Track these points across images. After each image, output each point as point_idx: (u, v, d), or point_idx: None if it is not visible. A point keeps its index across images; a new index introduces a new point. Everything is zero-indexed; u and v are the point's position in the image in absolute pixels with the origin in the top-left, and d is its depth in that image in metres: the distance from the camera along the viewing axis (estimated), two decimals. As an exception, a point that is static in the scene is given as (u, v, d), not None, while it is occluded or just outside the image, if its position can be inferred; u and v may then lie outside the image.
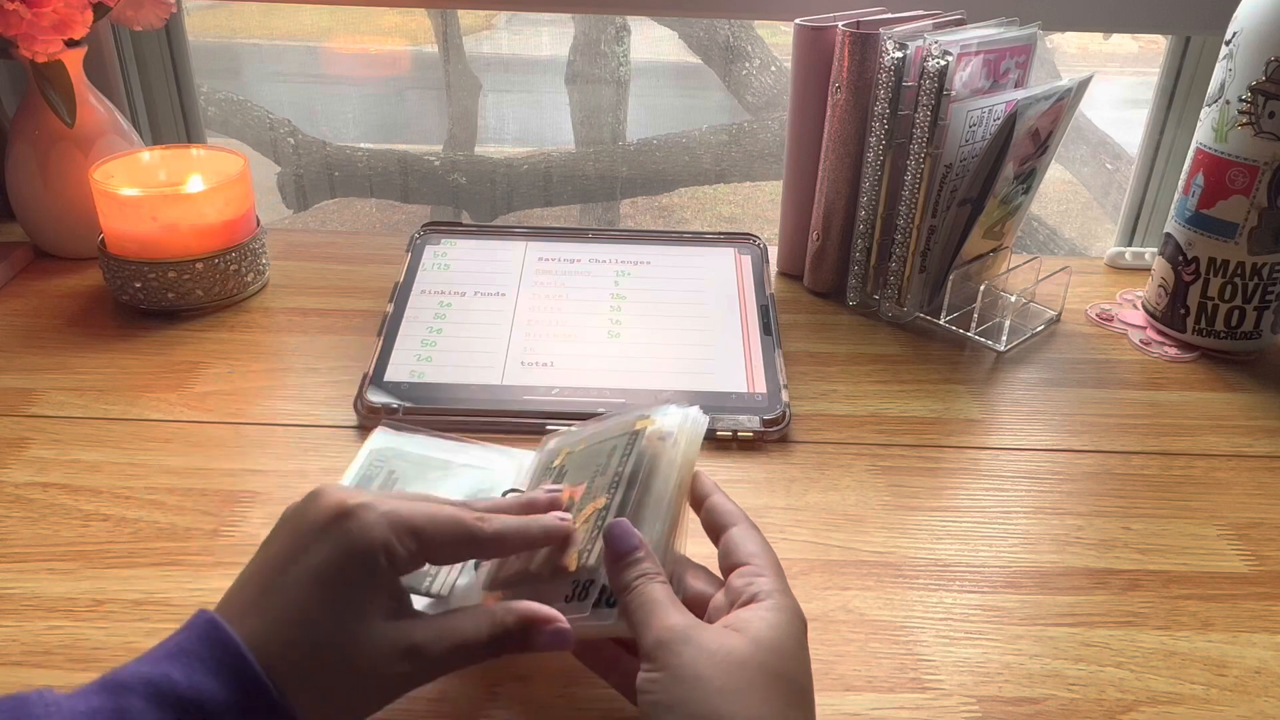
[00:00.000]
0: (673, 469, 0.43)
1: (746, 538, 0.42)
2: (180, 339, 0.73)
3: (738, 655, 0.36)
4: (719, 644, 0.36)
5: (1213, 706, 0.45)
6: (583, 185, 1.76)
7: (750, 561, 0.41)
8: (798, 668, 0.37)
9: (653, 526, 0.41)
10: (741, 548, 0.42)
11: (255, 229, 0.79)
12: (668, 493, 0.42)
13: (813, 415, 0.66)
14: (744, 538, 0.42)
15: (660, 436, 0.44)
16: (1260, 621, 0.50)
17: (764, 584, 0.39)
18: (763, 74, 1.75)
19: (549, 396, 0.66)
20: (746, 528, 0.43)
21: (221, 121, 1.71)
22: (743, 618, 0.38)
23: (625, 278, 0.79)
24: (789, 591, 0.40)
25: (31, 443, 0.60)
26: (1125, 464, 0.63)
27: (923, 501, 0.58)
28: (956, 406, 0.68)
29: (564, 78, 1.76)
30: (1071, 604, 0.51)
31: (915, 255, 0.75)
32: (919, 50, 0.70)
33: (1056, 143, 0.78)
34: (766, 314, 0.75)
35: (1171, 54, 0.95)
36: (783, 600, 0.39)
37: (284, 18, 1.87)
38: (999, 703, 0.45)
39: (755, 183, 1.86)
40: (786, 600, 0.39)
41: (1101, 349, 0.77)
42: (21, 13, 0.70)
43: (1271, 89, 0.67)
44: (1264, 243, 0.71)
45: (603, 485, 0.44)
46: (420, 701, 0.44)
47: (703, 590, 0.42)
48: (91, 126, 0.80)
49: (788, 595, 0.39)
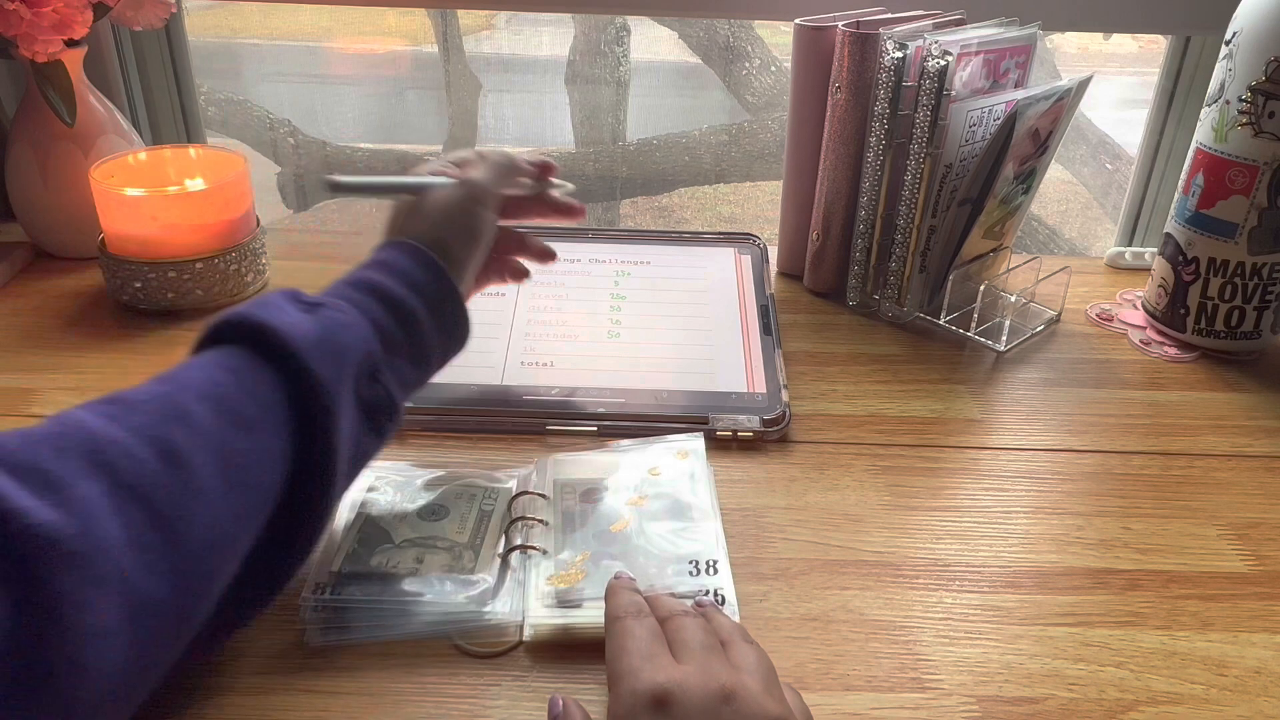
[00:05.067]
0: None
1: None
2: (180, 339, 0.73)
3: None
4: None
5: (1213, 706, 0.45)
6: (583, 185, 1.76)
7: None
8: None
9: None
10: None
11: (255, 229, 0.79)
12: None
13: (813, 415, 0.66)
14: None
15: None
16: (1260, 621, 0.50)
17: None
18: (763, 74, 1.75)
19: (549, 396, 0.66)
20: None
21: (221, 121, 1.71)
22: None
23: (625, 278, 0.79)
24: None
25: (31, 443, 0.60)
26: (1125, 464, 0.63)
27: (923, 501, 0.58)
28: (956, 406, 0.68)
29: (564, 78, 1.76)
30: (1071, 604, 0.51)
31: (915, 255, 0.75)
32: (919, 50, 0.70)
33: (1056, 143, 0.78)
34: (766, 314, 0.75)
35: (1171, 54, 0.95)
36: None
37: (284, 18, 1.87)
38: (999, 702, 0.45)
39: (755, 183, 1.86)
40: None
41: (1101, 349, 0.77)
42: (21, 13, 0.70)
43: (1271, 89, 0.67)
44: (1264, 243, 0.71)
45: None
46: (420, 701, 0.44)
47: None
48: (91, 126, 0.80)
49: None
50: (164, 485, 0.37)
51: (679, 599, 0.46)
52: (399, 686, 0.44)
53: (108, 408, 0.39)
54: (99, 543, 0.34)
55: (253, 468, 0.41)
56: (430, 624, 0.47)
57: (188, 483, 0.38)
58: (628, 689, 0.37)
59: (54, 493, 0.34)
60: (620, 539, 0.51)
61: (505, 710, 0.44)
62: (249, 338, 0.44)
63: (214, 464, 0.39)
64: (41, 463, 0.35)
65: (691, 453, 0.58)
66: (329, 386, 0.44)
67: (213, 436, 0.40)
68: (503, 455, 0.60)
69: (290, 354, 0.43)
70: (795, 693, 0.41)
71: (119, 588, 0.34)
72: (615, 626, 0.42)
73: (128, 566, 0.35)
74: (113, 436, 0.37)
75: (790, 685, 0.42)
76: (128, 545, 0.35)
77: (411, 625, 0.47)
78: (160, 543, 0.36)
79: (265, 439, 0.42)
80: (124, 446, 0.37)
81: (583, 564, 0.50)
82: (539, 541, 0.51)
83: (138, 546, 0.35)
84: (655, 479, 0.56)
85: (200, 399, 0.40)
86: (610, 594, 0.45)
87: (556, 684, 0.45)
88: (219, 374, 0.42)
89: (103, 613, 0.34)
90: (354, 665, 0.45)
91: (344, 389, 0.45)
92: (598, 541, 0.51)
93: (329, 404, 0.44)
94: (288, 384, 0.43)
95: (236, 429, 0.40)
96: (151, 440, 0.38)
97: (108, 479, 0.36)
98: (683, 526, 0.53)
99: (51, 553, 0.33)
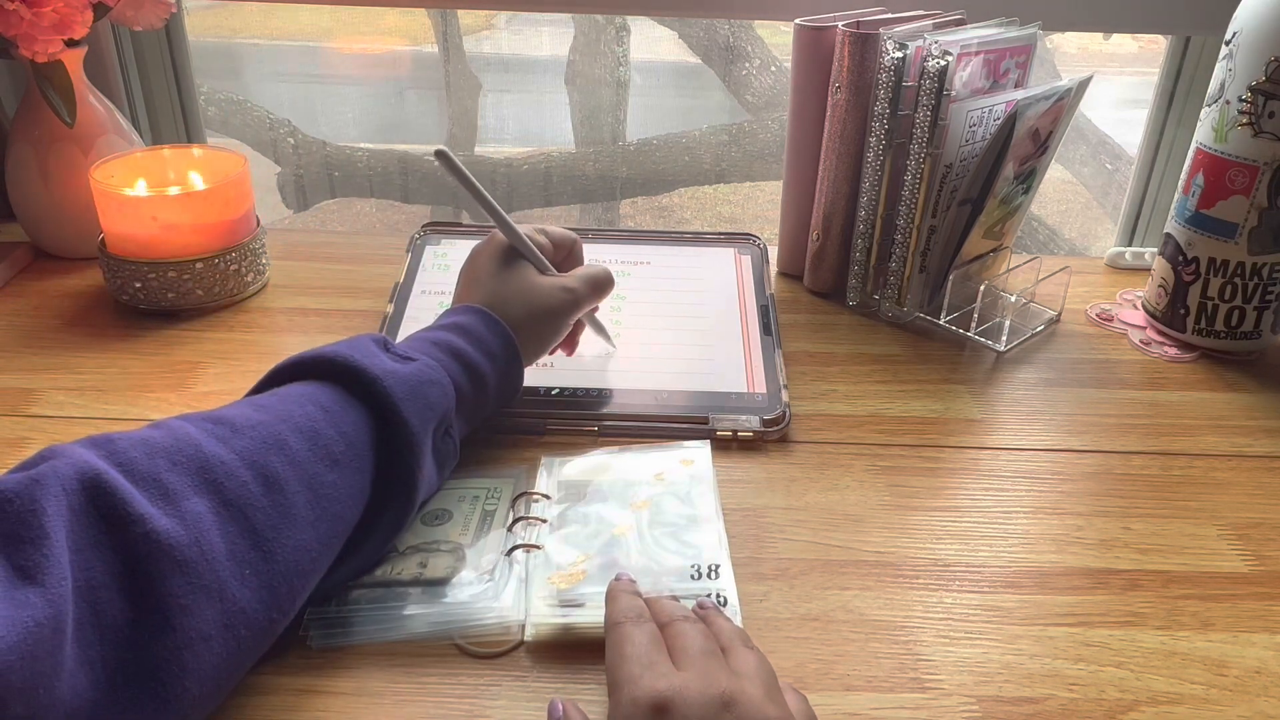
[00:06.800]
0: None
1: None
2: (180, 339, 0.73)
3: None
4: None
5: (1213, 706, 0.45)
6: (583, 185, 1.76)
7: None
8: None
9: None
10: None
11: (255, 229, 0.79)
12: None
13: (813, 415, 0.66)
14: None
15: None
16: (1260, 621, 0.50)
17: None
18: (763, 74, 1.75)
19: (549, 397, 0.66)
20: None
21: (221, 121, 1.71)
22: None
23: (625, 278, 0.79)
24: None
25: (31, 443, 0.60)
26: (1125, 464, 0.63)
27: (923, 501, 0.58)
28: (956, 406, 0.68)
29: (564, 78, 1.76)
30: (1071, 604, 0.51)
31: (915, 255, 0.75)
32: (919, 50, 0.70)
33: (1056, 143, 0.78)
34: (766, 314, 0.75)
35: (1171, 54, 0.95)
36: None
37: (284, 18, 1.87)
38: (999, 703, 0.45)
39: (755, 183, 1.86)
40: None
41: (1101, 349, 0.77)
42: (21, 13, 0.70)
43: (1271, 89, 0.67)
44: (1264, 243, 0.71)
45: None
46: (420, 701, 0.44)
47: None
48: (91, 126, 0.80)
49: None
50: (262, 507, 0.41)
51: (680, 602, 0.46)
52: (399, 686, 0.44)
53: (215, 427, 0.43)
54: (206, 553, 0.38)
55: (338, 500, 0.45)
56: (433, 625, 0.47)
57: (282, 507, 0.42)
58: (627, 696, 0.37)
59: (169, 504, 0.38)
60: (623, 542, 0.51)
61: (505, 710, 0.44)
62: (343, 378, 0.48)
63: (305, 493, 0.43)
64: (160, 474, 0.39)
65: (696, 460, 0.59)
66: (418, 434, 0.48)
67: (306, 468, 0.44)
68: (503, 455, 0.60)
69: (386, 401, 0.47)
70: (800, 696, 0.41)
71: (219, 596, 0.38)
72: (615, 632, 0.42)
73: (227, 579, 0.39)
74: (221, 457, 0.41)
75: (795, 688, 0.41)
76: (228, 559, 0.39)
77: (414, 626, 0.47)
78: (256, 559, 0.40)
79: (349, 475, 0.46)
80: (230, 467, 0.41)
81: (584, 564, 0.50)
82: (540, 541, 0.51)
83: (236, 560, 0.39)
84: (659, 482, 0.56)
85: (296, 431, 0.44)
86: (610, 597, 0.45)
87: (556, 684, 0.45)
88: (313, 410, 0.46)
89: (204, 619, 0.37)
90: (354, 665, 0.45)
91: (426, 439, 0.50)
92: (600, 543, 0.51)
93: (418, 450, 0.48)
94: (376, 426, 0.48)
95: (326, 464, 0.45)
96: (253, 464, 0.42)
97: (215, 496, 0.40)
98: (685, 530, 0.53)
99: (165, 558, 0.37)
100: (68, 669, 0.33)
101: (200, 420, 0.43)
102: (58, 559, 0.34)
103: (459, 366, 0.53)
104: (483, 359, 0.55)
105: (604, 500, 0.55)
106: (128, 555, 0.36)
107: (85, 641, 0.35)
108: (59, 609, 0.33)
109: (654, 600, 0.45)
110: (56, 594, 0.34)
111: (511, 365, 0.57)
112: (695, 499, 0.55)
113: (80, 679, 0.34)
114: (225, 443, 0.42)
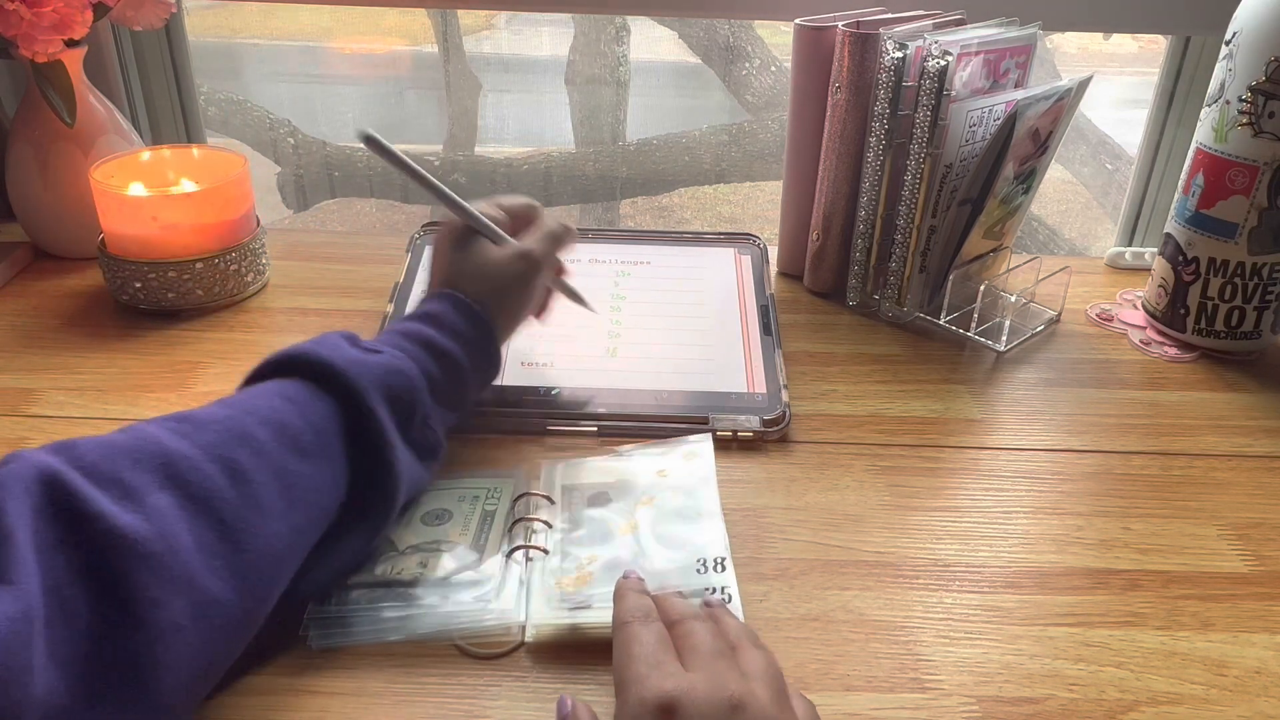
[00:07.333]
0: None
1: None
2: (180, 339, 0.73)
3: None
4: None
5: (1213, 706, 0.45)
6: (583, 185, 1.76)
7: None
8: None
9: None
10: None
11: (255, 229, 0.79)
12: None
13: (813, 415, 0.66)
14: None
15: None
16: (1260, 621, 0.50)
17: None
18: (763, 74, 1.75)
19: (549, 397, 0.66)
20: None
21: (221, 121, 1.71)
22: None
23: (625, 278, 0.79)
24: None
25: (31, 443, 0.60)
26: (1125, 464, 0.63)
27: (923, 501, 0.58)
28: (956, 406, 0.68)
29: (564, 78, 1.76)
30: (1071, 604, 0.51)
31: (915, 255, 0.75)
32: (919, 50, 0.70)
33: (1056, 143, 0.78)
34: (766, 314, 0.75)
35: (1171, 54, 0.95)
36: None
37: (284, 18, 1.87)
38: (999, 703, 0.45)
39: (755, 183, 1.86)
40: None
41: (1101, 349, 0.77)
42: (21, 13, 0.70)
43: (1271, 89, 0.67)
44: (1264, 243, 0.71)
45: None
46: (420, 701, 0.44)
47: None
48: (91, 126, 0.80)
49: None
50: (229, 499, 0.41)
51: (687, 599, 0.46)
52: (399, 686, 0.44)
53: (179, 425, 0.43)
54: (171, 546, 0.38)
55: (309, 490, 0.45)
56: (433, 625, 0.47)
57: (250, 498, 0.42)
58: (635, 696, 0.37)
59: (132, 500, 0.38)
60: (628, 541, 0.51)
61: (505, 710, 0.44)
62: (309, 372, 0.48)
63: (274, 483, 0.43)
64: (121, 473, 0.39)
65: (699, 455, 0.58)
66: (386, 423, 0.48)
67: (273, 458, 0.44)
68: (503, 455, 0.60)
69: (353, 390, 0.48)
70: (807, 702, 0.41)
71: (188, 588, 0.38)
72: (623, 632, 0.41)
73: (196, 570, 0.39)
74: (184, 452, 0.41)
75: (802, 694, 0.41)
76: (196, 550, 0.39)
77: (414, 627, 0.47)
78: (225, 550, 0.40)
79: (320, 464, 0.46)
80: (193, 461, 0.41)
81: (590, 566, 0.50)
82: (541, 542, 0.51)
83: (205, 552, 0.39)
84: (663, 479, 0.56)
85: (262, 423, 0.45)
86: (618, 596, 0.45)
87: (557, 685, 0.45)
88: (280, 402, 0.46)
89: (174, 609, 0.38)
90: (354, 665, 0.45)
91: (397, 428, 0.50)
92: (605, 544, 0.51)
93: (389, 437, 0.48)
94: (346, 417, 0.48)
95: (294, 454, 0.45)
96: (218, 458, 0.42)
97: (179, 491, 0.40)
98: (690, 524, 0.53)
99: (130, 553, 0.37)
100: (39, 665, 0.34)
101: (164, 420, 0.44)
102: (23, 557, 0.34)
103: (426, 354, 0.54)
104: (450, 342, 0.55)
105: (608, 502, 0.55)
106: (90, 551, 0.36)
107: (56, 639, 0.35)
108: (28, 604, 0.34)
109: (662, 599, 0.45)
110: (24, 590, 0.34)
111: (485, 341, 0.57)
112: (699, 493, 0.55)
113: (53, 675, 0.34)
114: (188, 438, 0.42)
